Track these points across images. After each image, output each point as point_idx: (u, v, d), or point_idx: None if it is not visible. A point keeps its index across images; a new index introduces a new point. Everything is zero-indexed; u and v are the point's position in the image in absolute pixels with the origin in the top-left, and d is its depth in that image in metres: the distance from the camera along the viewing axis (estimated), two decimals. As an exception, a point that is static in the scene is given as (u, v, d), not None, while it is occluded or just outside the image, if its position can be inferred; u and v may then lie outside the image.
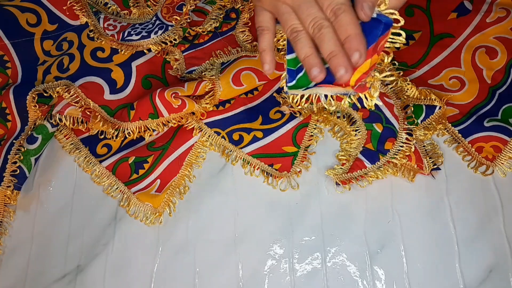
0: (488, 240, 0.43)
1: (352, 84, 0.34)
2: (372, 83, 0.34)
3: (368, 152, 0.47)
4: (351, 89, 0.34)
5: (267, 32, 0.39)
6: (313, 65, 0.35)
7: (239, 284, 0.45)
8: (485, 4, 0.52)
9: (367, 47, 0.33)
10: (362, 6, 0.32)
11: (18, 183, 0.50)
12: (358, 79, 0.34)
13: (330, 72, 0.35)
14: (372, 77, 0.34)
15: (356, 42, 0.32)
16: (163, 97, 0.48)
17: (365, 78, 0.33)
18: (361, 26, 0.33)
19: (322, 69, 0.35)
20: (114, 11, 0.58)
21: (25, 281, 0.47)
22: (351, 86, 0.34)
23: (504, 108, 0.47)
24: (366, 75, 0.33)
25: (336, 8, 0.33)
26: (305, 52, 0.35)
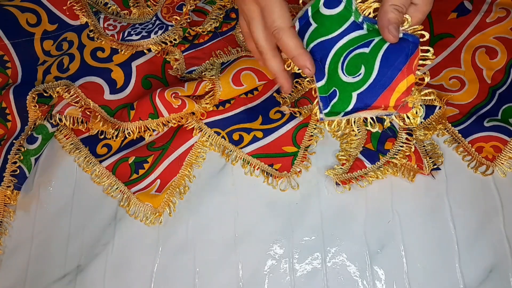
0: (488, 240, 0.43)
1: (392, 104, 0.34)
2: (414, 102, 0.34)
3: (368, 152, 0.47)
4: (393, 109, 0.34)
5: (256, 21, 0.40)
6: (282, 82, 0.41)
7: (239, 284, 0.45)
8: (485, 4, 0.52)
9: (401, 66, 0.34)
10: (388, 29, 0.34)
11: (18, 183, 0.50)
12: (397, 99, 0.34)
13: (366, 96, 0.35)
14: (413, 97, 0.34)
15: (301, 60, 0.36)
16: (163, 97, 0.48)
17: (404, 98, 0.34)
18: (390, 48, 0.34)
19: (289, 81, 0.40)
20: (114, 11, 0.58)
21: (25, 281, 0.47)
22: (392, 107, 0.34)
23: (504, 108, 0.47)
24: (405, 95, 0.34)
25: (275, 31, 0.36)
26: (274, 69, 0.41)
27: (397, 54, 0.34)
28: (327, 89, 0.38)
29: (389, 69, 0.34)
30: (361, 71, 0.36)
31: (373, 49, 0.35)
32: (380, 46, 0.35)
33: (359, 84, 0.36)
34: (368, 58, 0.35)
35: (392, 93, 0.34)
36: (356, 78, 0.36)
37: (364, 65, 0.36)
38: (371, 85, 0.35)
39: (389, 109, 0.35)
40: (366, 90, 0.35)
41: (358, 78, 0.36)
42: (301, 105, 0.50)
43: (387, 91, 0.34)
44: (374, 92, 0.35)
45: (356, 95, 0.36)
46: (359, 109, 0.36)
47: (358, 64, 0.36)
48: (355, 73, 0.36)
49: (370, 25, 0.36)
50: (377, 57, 0.35)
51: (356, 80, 0.36)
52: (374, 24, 0.36)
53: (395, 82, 0.34)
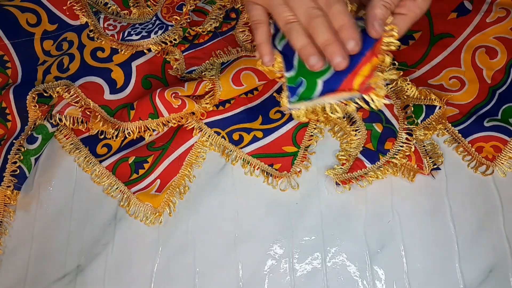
0: (488, 240, 0.43)
1: (356, 88, 0.34)
2: (376, 83, 0.34)
3: (368, 152, 0.47)
4: (356, 92, 0.35)
5: (262, 25, 0.39)
6: (311, 54, 0.35)
7: (239, 284, 0.45)
8: (485, 4, 0.52)
9: (364, 52, 0.34)
10: (373, 24, 0.34)
11: (18, 183, 0.50)
12: (361, 83, 0.34)
13: (331, 82, 0.36)
14: (375, 77, 0.34)
15: (351, 30, 0.33)
16: (163, 97, 0.48)
17: (368, 81, 0.34)
18: (362, 33, 0.34)
19: (320, 57, 0.35)
20: (114, 11, 0.58)
21: (25, 281, 0.47)
22: (356, 90, 0.35)
23: (504, 108, 0.47)
24: (368, 78, 0.34)
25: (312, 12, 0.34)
26: (301, 42, 0.35)
27: (362, 42, 0.34)
28: (295, 79, 0.38)
29: (353, 55, 0.34)
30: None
31: None
32: None
33: (324, 71, 0.36)
34: None
35: (355, 77, 0.34)
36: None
37: None
38: (336, 72, 0.35)
39: (353, 92, 0.35)
40: (331, 76, 0.36)
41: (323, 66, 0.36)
42: None
43: (351, 75, 0.35)
44: (338, 78, 0.35)
45: (321, 82, 0.36)
46: (324, 95, 0.36)
47: None
48: None
49: None
50: None
51: (321, 68, 0.36)
52: None
53: (358, 66, 0.34)
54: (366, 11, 0.35)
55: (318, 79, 0.36)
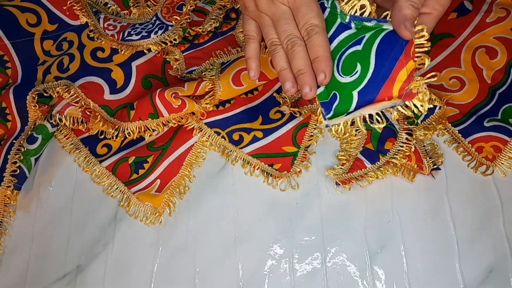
0: (488, 240, 0.43)
1: (396, 95, 0.34)
2: (418, 87, 0.33)
3: (368, 152, 0.47)
4: (397, 99, 0.34)
5: (253, 41, 0.41)
6: (286, 79, 0.38)
7: (239, 284, 0.45)
8: (485, 4, 0.52)
9: (397, 56, 0.33)
10: (405, 25, 0.33)
11: (18, 183, 0.50)
12: (400, 88, 0.34)
13: (367, 92, 0.35)
14: (416, 82, 0.33)
15: (324, 63, 0.35)
16: (163, 97, 0.48)
17: (407, 86, 0.33)
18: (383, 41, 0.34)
19: (295, 83, 0.37)
20: (114, 11, 0.58)
21: (25, 281, 0.47)
22: (396, 97, 0.34)
23: (504, 108, 0.47)
24: (407, 83, 0.33)
25: (309, 28, 0.35)
26: (281, 65, 0.38)
27: (391, 45, 0.34)
28: (327, 95, 0.38)
29: (386, 61, 0.34)
30: (357, 68, 0.35)
31: (366, 45, 0.35)
32: (373, 40, 0.35)
33: (358, 82, 0.35)
34: (362, 55, 0.35)
35: (393, 83, 0.34)
36: (353, 77, 0.36)
37: (359, 62, 0.35)
38: (371, 80, 0.35)
39: (394, 100, 0.34)
40: (366, 86, 0.35)
41: (355, 76, 0.36)
42: (301, 105, 0.50)
43: (388, 82, 0.34)
44: (375, 86, 0.34)
45: (356, 93, 0.36)
46: (362, 106, 0.36)
47: (353, 62, 0.36)
48: (352, 72, 0.36)
49: (358, 23, 0.36)
50: (371, 52, 0.35)
51: (353, 78, 0.36)
52: (361, 22, 0.36)
53: (394, 72, 0.34)
54: (391, 12, 0.35)
55: (353, 91, 0.36)
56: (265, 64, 0.50)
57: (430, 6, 0.35)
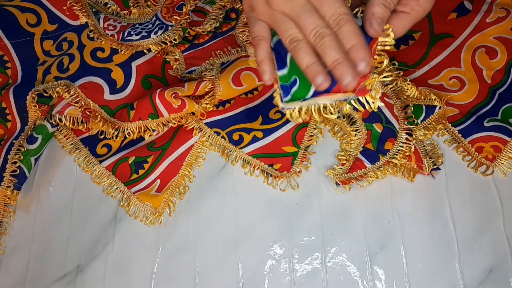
0: (488, 240, 0.43)
1: (351, 89, 0.34)
2: (372, 85, 0.34)
3: (368, 152, 0.47)
4: (351, 94, 0.34)
5: (264, 42, 0.39)
6: (318, 73, 0.35)
7: (239, 284, 0.45)
8: (485, 4, 0.52)
9: None
10: (371, 23, 0.33)
11: (18, 183, 0.50)
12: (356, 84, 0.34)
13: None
14: (372, 79, 0.34)
15: (363, 51, 0.33)
16: (163, 97, 0.48)
17: (363, 82, 0.34)
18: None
19: (327, 77, 0.35)
20: (114, 11, 0.58)
21: (25, 281, 0.47)
22: (351, 92, 0.34)
23: (504, 108, 0.47)
24: (364, 78, 0.34)
25: (339, 18, 0.33)
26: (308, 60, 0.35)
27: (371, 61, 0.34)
28: (288, 78, 0.37)
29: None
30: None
31: None
32: None
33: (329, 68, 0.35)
34: None
35: (359, 80, 0.34)
36: None
37: None
38: (330, 72, 0.35)
39: (348, 93, 0.34)
40: None
41: None
42: None
43: None
44: (333, 78, 0.34)
45: None
46: (318, 95, 0.36)
47: None
48: None
49: None
50: None
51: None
52: None
53: None
54: (364, 8, 0.35)
55: None
56: None
57: (409, 6, 0.34)
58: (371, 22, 0.33)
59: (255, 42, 0.39)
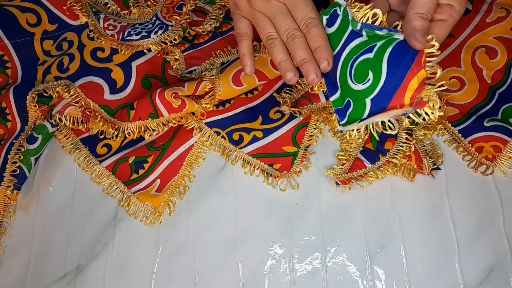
0: (488, 240, 0.43)
1: (407, 103, 0.34)
2: (428, 96, 0.34)
3: (368, 152, 0.47)
4: (409, 107, 0.35)
5: (246, 38, 0.43)
6: (288, 69, 0.40)
7: (239, 284, 0.45)
8: (485, 4, 0.52)
9: (409, 64, 0.34)
10: (415, 36, 0.34)
11: (18, 183, 0.50)
12: (411, 97, 0.34)
13: (380, 100, 0.36)
14: (427, 90, 0.34)
15: (326, 52, 0.38)
16: (163, 97, 0.48)
17: (418, 95, 0.34)
18: (394, 49, 0.35)
19: (296, 73, 0.40)
20: (114, 11, 0.58)
21: (25, 281, 0.47)
22: (408, 105, 0.34)
23: (504, 108, 0.47)
24: (418, 92, 0.34)
25: (308, 21, 0.38)
26: (281, 57, 0.40)
27: (403, 54, 0.34)
28: (342, 101, 0.39)
29: (397, 69, 0.34)
30: (369, 76, 0.36)
31: (377, 53, 0.36)
32: (384, 49, 0.35)
33: (370, 90, 0.36)
34: (374, 63, 0.36)
35: (405, 92, 0.34)
36: (366, 84, 0.37)
37: (371, 70, 0.36)
38: (383, 88, 0.35)
39: (405, 107, 0.35)
40: (378, 94, 0.36)
41: (367, 84, 0.36)
42: (301, 105, 0.50)
43: (400, 91, 0.35)
44: (387, 94, 0.35)
45: (369, 101, 0.37)
46: (375, 114, 0.36)
47: (365, 70, 0.37)
48: (364, 79, 0.37)
49: (369, 31, 0.37)
50: (383, 60, 0.35)
51: (366, 86, 0.36)
52: (373, 30, 0.36)
53: (406, 80, 0.34)
54: (402, 23, 0.35)
55: (366, 99, 0.36)
56: (265, 64, 0.50)
57: (447, 13, 0.36)
58: (414, 36, 0.34)
59: (238, 38, 0.43)
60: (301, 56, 0.39)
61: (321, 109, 0.50)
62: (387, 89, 0.35)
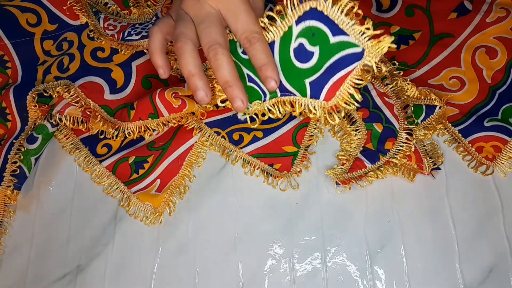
0: (488, 240, 0.43)
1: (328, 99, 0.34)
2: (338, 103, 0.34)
3: (368, 152, 0.47)
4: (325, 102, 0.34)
5: (159, 34, 0.37)
6: (198, 88, 0.34)
7: (239, 284, 0.45)
8: (485, 4, 0.52)
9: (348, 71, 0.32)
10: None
11: (18, 183, 0.50)
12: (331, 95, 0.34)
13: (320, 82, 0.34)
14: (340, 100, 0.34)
15: (271, 69, 0.33)
16: (163, 97, 0.48)
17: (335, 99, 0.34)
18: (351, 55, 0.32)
19: (209, 91, 0.34)
20: (114, 11, 0.58)
21: (25, 281, 0.47)
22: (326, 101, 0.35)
23: (504, 108, 0.47)
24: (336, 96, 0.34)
25: (251, 36, 0.33)
26: (189, 70, 0.34)
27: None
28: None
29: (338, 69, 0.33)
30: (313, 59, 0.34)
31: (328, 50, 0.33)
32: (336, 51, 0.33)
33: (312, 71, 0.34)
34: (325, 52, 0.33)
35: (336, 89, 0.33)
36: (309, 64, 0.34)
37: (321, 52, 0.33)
38: (323, 74, 0.34)
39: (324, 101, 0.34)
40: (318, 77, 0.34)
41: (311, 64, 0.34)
42: None
43: (335, 84, 0.33)
44: (323, 82, 0.34)
45: (308, 83, 0.35)
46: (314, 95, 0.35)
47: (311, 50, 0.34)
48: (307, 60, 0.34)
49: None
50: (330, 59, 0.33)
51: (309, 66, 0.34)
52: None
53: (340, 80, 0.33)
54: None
55: (305, 79, 0.35)
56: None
57: None
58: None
59: (150, 32, 0.37)
60: (224, 79, 0.33)
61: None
62: (325, 78, 0.33)
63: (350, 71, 0.32)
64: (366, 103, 0.48)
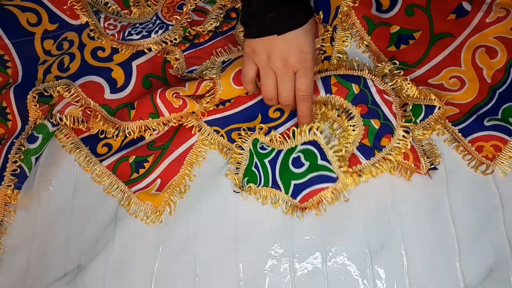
0: (489, 239, 0.43)
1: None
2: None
3: (364, 148, 0.47)
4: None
5: (250, 83, 0.48)
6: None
7: (239, 284, 0.45)
8: (484, 4, 0.52)
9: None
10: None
11: (19, 182, 0.50)
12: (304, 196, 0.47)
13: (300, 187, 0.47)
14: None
15: (307, 120, 0.47)
16: (164, 97, 0.48)
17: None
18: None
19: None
20: (115, 10, 0.58)
21: (25, 281, 0.47)
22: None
23: (504, 108, 0.47)
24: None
25: (303, 94, 0.45)
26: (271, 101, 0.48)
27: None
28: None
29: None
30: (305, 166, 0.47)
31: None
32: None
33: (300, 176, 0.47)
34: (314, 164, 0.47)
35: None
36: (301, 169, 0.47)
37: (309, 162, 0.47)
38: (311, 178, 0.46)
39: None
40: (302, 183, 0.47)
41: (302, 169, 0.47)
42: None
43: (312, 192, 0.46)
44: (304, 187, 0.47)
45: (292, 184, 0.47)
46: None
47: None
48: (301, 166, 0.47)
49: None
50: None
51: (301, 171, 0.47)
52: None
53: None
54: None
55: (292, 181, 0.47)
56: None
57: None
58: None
59: (243, 80, 0.47)
60: (308, 110, 0.47)
61: (321, 103, 0.49)
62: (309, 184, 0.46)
63: (324, 188, 0.46)
64: (365, 99, 0.48)
